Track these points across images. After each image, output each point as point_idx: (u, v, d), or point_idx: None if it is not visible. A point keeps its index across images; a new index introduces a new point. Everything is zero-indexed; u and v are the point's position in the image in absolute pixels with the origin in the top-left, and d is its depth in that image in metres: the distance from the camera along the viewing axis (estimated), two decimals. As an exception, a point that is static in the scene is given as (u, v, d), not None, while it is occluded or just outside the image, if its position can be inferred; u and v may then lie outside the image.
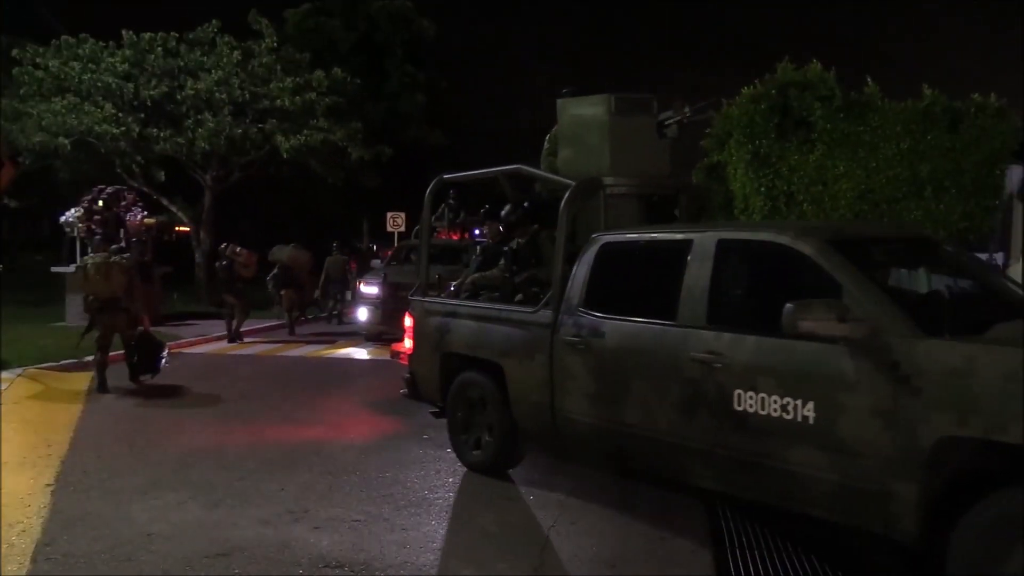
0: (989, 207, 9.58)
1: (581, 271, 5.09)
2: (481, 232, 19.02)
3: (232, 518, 4.84)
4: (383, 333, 13.14)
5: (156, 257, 16.16)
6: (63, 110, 17.08)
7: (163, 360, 9.38)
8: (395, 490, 5.40)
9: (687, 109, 6.34)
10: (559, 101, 6.36)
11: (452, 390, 5.94)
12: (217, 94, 17.93)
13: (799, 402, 3.70)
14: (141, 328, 9.17)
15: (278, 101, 18.45)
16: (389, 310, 12.60)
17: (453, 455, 6.22)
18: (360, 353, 12.56)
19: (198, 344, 13.17)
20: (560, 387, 5.00)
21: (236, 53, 18.44)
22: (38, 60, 17.84)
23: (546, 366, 5.08)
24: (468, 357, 5.79)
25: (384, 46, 27.64)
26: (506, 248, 6.27)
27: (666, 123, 6.03)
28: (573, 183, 5.50)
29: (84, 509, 5.00)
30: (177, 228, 23.17)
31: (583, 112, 6.24)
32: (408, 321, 6.45)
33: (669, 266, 4.59)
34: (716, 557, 4.23)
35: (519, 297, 5.93)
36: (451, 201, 17.52)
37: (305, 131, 18.58)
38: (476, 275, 6.43)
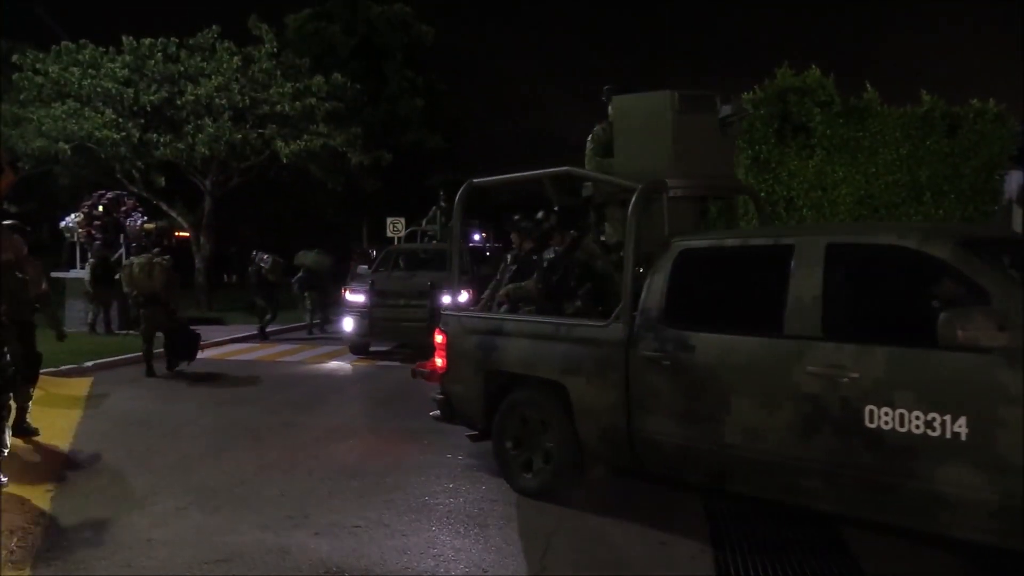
0: (988, 212, 9.62)
1: (658, 281, 4.70)
2: (483, 237, 18.99)
3: (232, 524, 4.83)
4: (370, 345, 12.72)
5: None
6: (63, 115, 17.09)
7: (199, 349, 10.44)
8: (395, 495, 5.38)
9: (748, 105, 6.09)
10: (613, 98, 5.98)
11: (500, 412, 5.52)
12: (217, 99, 17.95)
13: (947, 417, 3.45)
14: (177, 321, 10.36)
15: (278, 106, 18.49)
16: (376, 320, 12.07)
17: (453, 460, 6.21)
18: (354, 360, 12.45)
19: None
20: (639, 406, 4.63)
21: (236, 58, 18.47)
22: (38, 65, 17.84)
23: (621, 384, 4.70)
24: (520, 376, 5.40)
25: (383, 51, 27.73)
26: (538, 257, 5.95)
27: (728, 120, 5.72)
28: (636, 186, 5.07)
29: (83, 514, 4.99)
30: (177, 233, 23.17)
31: (642, 110, 5.81)
32: (439, 338, 5.95)
33: (765, 273, 4.31)
34: (717, 561, 4.22)
35: (572, 308, 5.59)
36: (443, 204, 17.36)
37: (305, 136, 18.62)
38: (511, 286, 6.10)
